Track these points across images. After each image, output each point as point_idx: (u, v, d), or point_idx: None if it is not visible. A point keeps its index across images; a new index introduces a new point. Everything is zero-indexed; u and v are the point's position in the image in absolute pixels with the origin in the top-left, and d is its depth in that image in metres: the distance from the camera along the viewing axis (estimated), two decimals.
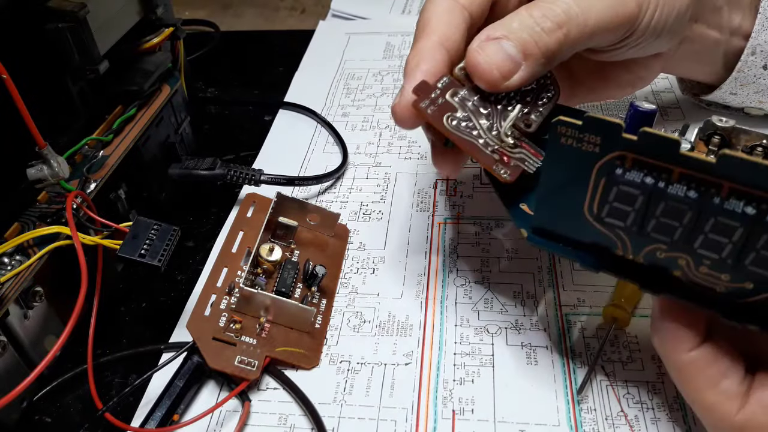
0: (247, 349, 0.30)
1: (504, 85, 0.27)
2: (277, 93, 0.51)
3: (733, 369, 0.22)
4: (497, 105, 0.28)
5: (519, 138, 0.27)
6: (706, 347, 0.23)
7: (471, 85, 0.28)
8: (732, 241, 0.20)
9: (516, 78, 0.27)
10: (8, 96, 0.26)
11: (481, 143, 0.27)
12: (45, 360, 0.25)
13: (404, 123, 0.28)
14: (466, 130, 0.27)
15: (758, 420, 0.21)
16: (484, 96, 0.27)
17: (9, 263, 0.28)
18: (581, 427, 0.27)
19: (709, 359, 0.22)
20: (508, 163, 0.26)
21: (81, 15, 0.31)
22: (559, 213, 0.24)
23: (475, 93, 0.28)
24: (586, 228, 0.24)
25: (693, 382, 0.23)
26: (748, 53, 0.35)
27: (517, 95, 0.28)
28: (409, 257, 0.36)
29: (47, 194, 0.32)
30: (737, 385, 0.22)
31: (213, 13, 0.69)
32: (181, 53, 0.42)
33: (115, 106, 0.37)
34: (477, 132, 0.27)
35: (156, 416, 0.27)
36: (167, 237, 0.30)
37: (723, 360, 0.22)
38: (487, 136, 0.27)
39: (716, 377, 0.22)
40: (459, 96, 0.27)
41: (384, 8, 0.64)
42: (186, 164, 0.39)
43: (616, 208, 0.22)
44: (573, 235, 0.25)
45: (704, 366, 0.22)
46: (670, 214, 0.21)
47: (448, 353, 0.30)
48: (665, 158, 0.21)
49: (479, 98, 0.27)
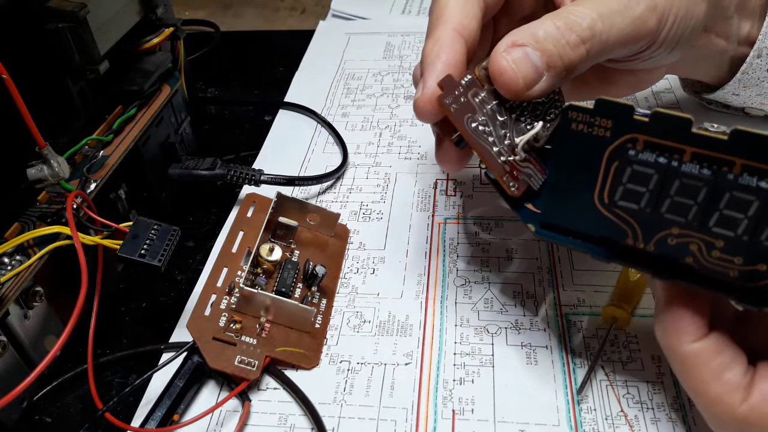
0: (247, 349, 0.30)
1: (525, 94, 0.26)
2: (277, 93, 0.51)
3: (736, 360, 0.22)
4: (512, 113, 0.27)
5: (528, 152, 0.27)
6: (710, 338, 0.23)
7: (490, 87, 0.27)
8: (747, 216, 0.21)
9: (537, 88, 0.26)
10: (8, 96, 0.26)
11: (495, 151, 0.26)
12: (45, 360, 0.25)
13: (426, 117, 0.27)
14: (483, 135, 0.26)
15: (761, 411, 0.21)
16: (501, 102, 0.27)
17: (9, 263, 0.28)
18: (581, 427, 0.27)
19: (713, 350, 0.22)
20: (516, 177, 0.26)
21: (81, 15, 0.31)
22: (569, 205, 0.24)
23: (494, 98, 0.27)
24: (596, 219, 0.24)
25: (696, 373, 0.23)
26: (753, 56, 0.35)
27: (529, 106, 0.28)
28: (409, 257, 0.36)
29: (47, 194, 0.32)
30: (741, 376, 0.22)
31: (213, 13, 0.69)
32: (181, 53, 0.42)
33: (115, 106, 0.37)
34: (492, 139, 0.26)
35: (156, 416, 0.28)
36: (167, 237, 0.30)
37: (726, 351, 0.22)
38: (501, 146, 0.26)
39: (720, 369, 0.22)
40: (479, 98, 0.27)
41: (384, 8, 0.64)
42: (186, 164, 0.40)
43: (630, 190, 0.22)
44: (582, 228, 0.25)
45: (708, 357, 0.22)
46: (685, 192, 0.21)
47: (448, 353, 0.30)
48: (677, 138, 0.21)
49: (497, 104, 0.27)
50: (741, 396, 0.22)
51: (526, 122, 0.27)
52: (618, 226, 0.24)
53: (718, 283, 0.22)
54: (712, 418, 0.23)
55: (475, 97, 0.27)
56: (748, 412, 0.22)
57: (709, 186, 0.21)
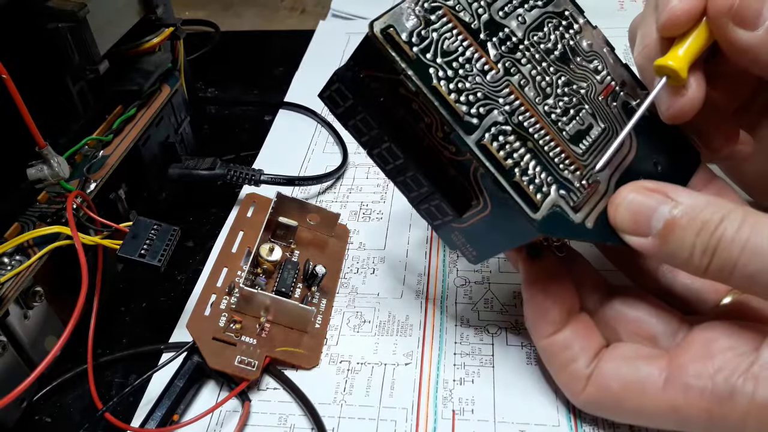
0: (247, 349, 0.30)
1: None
2: (277, 93, 0.51)
3: (582, 354, 0.25)
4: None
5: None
6: (562, 334, 0.26)
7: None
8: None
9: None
10: (8, 96, 0.26)
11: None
12: (45, 360, 0.25)
13: (684, 16, 0.25)
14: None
15: (595, 399, 0.25)
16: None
17: (9, 263, 0.28)
18: (581, 427, 0.27)
19: (562, 346, 0.26)
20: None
21: (81, 15, 0.31)
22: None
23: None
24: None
25: (548, 362, 0.27)
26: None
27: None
28: (409, 257, 0.36)
29: (47, 194, 0.31)
30: (583, 368, 0.25)
31: (213, 13, 0.69)
32: (181, 53, 0.42)
33: (115, 106, 0.37)
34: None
35: (156, 416, 0.28)
36: (167, 237, 0.30)
37: (574, 345, 0.26)
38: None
39: (566, 362, 0.26)
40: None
41: (384, 8, 0.64)
42: (186, 164, 0.40)
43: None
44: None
45: (557, 351, 0.26)
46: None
47: (448, 353, 0.30)
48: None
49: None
50: (582, 385, 0.25)
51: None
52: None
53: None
54: (567, 397, 0.27)
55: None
56: (586, 398, 0.26)
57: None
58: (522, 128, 0.24)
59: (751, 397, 0.22)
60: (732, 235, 0.22)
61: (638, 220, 0.24)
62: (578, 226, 0.24)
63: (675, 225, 0.23)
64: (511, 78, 0.24)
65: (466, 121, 0.22)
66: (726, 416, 0.22)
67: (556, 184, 0.24)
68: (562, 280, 0.26)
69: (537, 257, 0.26)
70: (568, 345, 0.26)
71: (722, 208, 0.22)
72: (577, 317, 0.26)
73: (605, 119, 0.27)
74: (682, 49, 0.25)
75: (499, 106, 0.23)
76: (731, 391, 0.22)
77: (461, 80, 0.23)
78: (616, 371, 0.25)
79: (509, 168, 0.23)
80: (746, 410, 0.22)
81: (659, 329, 0.26)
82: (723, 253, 0.22)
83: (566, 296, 0.26)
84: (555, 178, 0.24)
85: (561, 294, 0.26)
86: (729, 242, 0.22)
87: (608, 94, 0.28)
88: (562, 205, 0.24)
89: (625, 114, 0.28)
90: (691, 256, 0.22)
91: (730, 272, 0.22)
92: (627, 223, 0.24)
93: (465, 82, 0.23)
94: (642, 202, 0.24)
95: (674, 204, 0.23)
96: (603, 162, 0.25)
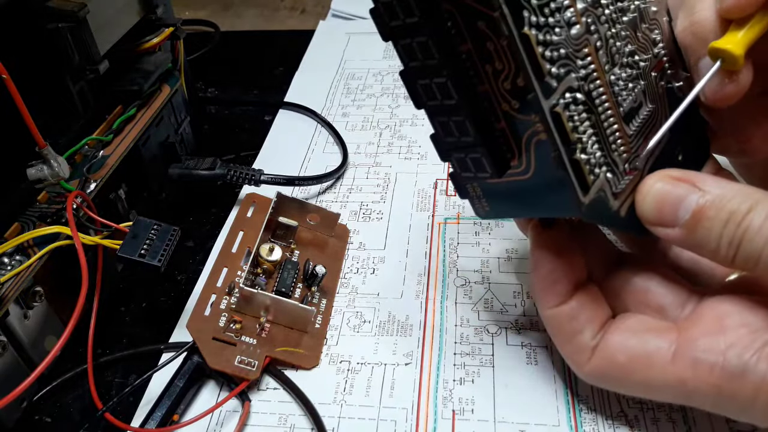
0: (247, 349, 0.30)
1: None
2: (277, 93, 0.51)
3: (588, 325, 0.25)
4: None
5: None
6: (569, 305, 0.25)
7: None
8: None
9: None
10: (8, 96, 0.26)
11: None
12: (46, 360, 0.25)
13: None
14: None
15: (600, 371, 0.25)
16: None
17: (9, 263, 0.28)
18: (581, 427, 0.27)
19: (569, 317, 0.25)
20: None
21: (81, 15, 0.31)
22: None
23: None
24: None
25: (554, 333, 0.26)
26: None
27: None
28: (409, 257, 0.36)
29: (47, 194, 0.31)
30: (589, 340, 0.25)
31: (213, 13, 0.69)
32: (181, 53, 0.42)
33: (115, 106, 0.37)
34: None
35: (156, 416, 0.27)
36: (167, 237, 0.30)
37: (581, 316, 0.25)
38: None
39: (572, 333, 0.25)
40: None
41: None
42: (186, 164, 0.40)
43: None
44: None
45: (563, 322, 0.25)
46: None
47: (448, 353, 0.30)
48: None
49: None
50: (587, 356, 0.25)
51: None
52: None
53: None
54: (572, 368, 0.26)
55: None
56: (590, 370, 0.25)
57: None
58: (590, 98, 0.21)
59: (763, 376, 0.21)
60: (758, 226, 0.21)
61: (665, 210, 0.23)
62: (613, 214, 0.23)
63: (702, 215, 0.22)
64: (590, 37, 0.21)
65: (546, 82, 0.20)
66: (735, 393, 0.22)
67: (606, 166, 0.22)
68: (572, 250, 0.25)
69: (548, 226, 0.26)
70: (574, 316, 0.25)
71: (750, 197, 0.22)
72: (584, 287, 0.26)
73: (654, 99, 0.25)
74: (741, 33, 0.23)
75: (576, 69, 0.21)
76: (743, 369, 0.21)
77: (549, 31, 0.20)
78: (623, 343, 0.24)
79: (573, 142, 0.20)
80: (757, 388, 0.21)
81: (668, 300, 0.25)
82: (748, 244, 0.21)
83: (574, 267, 0.25)
84: (605, 159, 0.22)
85: (569, 265, 0.25)
86: (754, 234, 0.21)
87: (660, 70, 0.25)
88: (606, 190, 0.22)
89: (666, 96, 0.26)
90: (718, 247, 0.22)
91: (756, 263, 0.21)
92: (654, 213, 0.23)
93: (552, 35, 0.20)
94: (670, 192, 0.23)
95: (702, 193, 0.22)
96: (652, 144, 0.23)
